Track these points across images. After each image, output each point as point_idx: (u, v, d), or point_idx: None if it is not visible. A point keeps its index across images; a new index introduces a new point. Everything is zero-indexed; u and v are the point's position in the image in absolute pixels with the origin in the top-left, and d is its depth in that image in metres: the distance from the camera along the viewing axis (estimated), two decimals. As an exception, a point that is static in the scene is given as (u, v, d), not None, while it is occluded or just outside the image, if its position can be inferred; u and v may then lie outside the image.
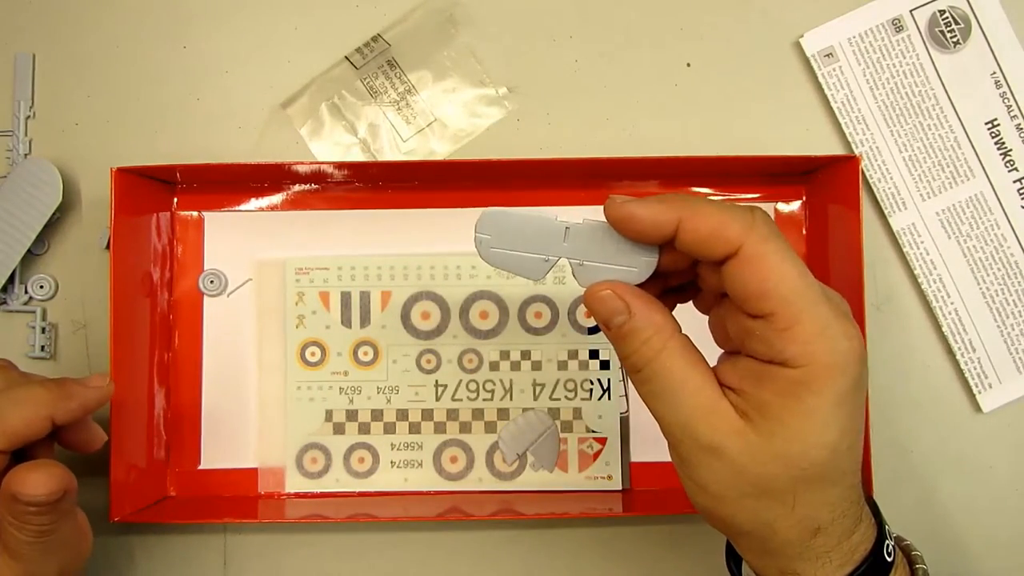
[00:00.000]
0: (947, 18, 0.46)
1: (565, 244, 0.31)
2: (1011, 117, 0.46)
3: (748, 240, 0.28)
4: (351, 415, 0.45)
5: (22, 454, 0.36)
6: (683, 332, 0.30)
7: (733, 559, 0.35)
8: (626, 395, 0.46)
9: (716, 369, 0.30)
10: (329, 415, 0.45)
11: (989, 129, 0.46)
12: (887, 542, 0.31)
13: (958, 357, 0.46)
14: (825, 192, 0.45)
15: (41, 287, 0.46)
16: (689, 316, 0.32)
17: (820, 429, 0.28)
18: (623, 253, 0.30)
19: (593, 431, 0.45)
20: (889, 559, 0.30)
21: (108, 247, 0.42)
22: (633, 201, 0.29)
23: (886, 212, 0.46)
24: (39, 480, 0.33)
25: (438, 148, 0.47)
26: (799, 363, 0.27)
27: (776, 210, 0.46)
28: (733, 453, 0.28)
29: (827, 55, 0.46)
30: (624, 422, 0.46)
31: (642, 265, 0.30)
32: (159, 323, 0.45)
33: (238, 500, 0.45)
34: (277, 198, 0.46)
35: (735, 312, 0.29)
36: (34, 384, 0.36)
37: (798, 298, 0.27)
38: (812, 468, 0.28)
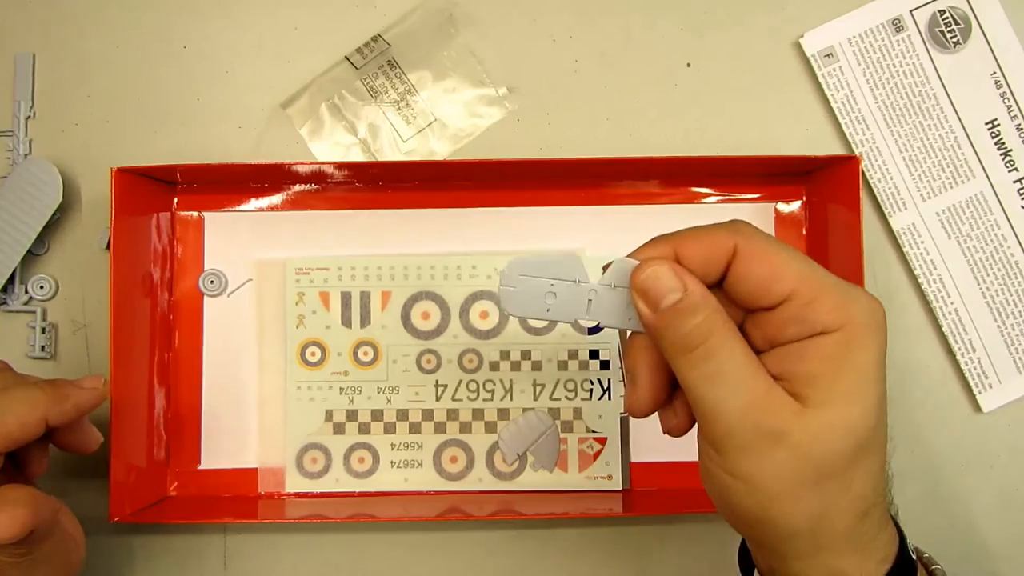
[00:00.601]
0: (947, 18, 0.46)
1: (588, 315, 0.30)
2: (1011, 117, 0.46)
3: (740, 240, 0.28)
4: (351, 415, 0.45)
5: (14, 456, 0.36)
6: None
7: (745, 567, 0.33)
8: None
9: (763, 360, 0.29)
10: (329, 415, 0.45)
11: (989, 129, 0.46)
12: (908, 542, 0.30)
13: (958, 357, 0.46)
14: (825, 192, 0.45)
15: (41, 287, 0.46)
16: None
17: (872, 387, 0.28)
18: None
19: (593, 431, 0.45)
20: (913, 557, 0.30)
21: (108, 247, 0.42)
22: (633, 252, 0.30)
23: (886, 212, 0.46)
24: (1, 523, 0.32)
25: (438, 148, 0.47)
26: (838, 325, 0.27)
27: (776, 210, 0.46)
28: (796, 435, 0.27)
29: (827, 55, 0.46)
30: (624, 422, 0.46)
31: None
32: (159, 323, 0.45)
33: (238, 500, 0.45)
34: (277, 198, 0.46)
35: (756, 320, 0.29)
36: (28, 385, 0.36)
37: (810, 274, 0.28)
38: (868, 432, 0.27)
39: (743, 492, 0.28)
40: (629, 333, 0.31)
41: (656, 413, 0.31)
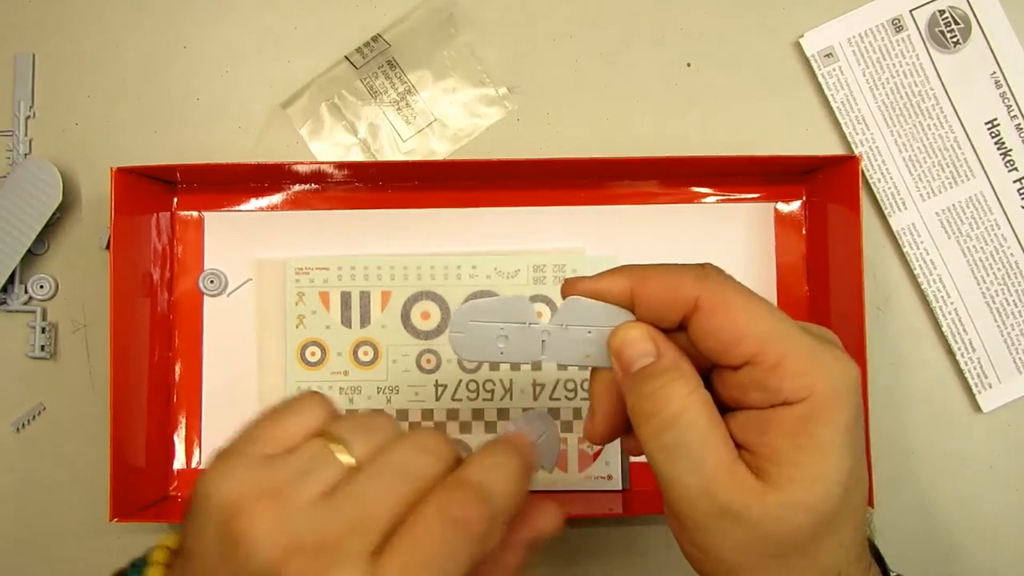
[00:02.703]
0: (947, 18, 0.46)
1: (544, 355, 0.30)
2: (1011, 117, 0.46)
3: (704, 291, 0.27)
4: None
5: None
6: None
7: None
8: (626, 395, 0.46)
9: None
10: (329, 415, 0.45)
11: (989, 129, 0.46)
12: None
13: (958, 357, 0.46)
14: (825, 192, 0.45)
15: (41, 287, 0.46)
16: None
17: (836, 462, 0.26)
18: (597, 342, 0.30)
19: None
20: None
21: (108, 247, 0.42)
22: (586, 277, 0.29)
23: (886, 212, 0.46)
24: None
25: (438, 148, 0.47)
26: (800, 396, 0.26)
27: (776, 210, 0.46)
28: (755, 515, 0.26)
29: (827, 55, 0.46)
30: (624, 422, 0.46)
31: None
32: (159, 323, 0.45)
33: (238, 500, 0.45)
34: (277, 198, 0.46)
35: (722, 376, 0.28)
36: (503, 450, 0.29)
37: (776, 333, 0.26)
38: (831, 510, 0.26)
39: (704, 561, 0.28)
40: (590, 368, 0.30)
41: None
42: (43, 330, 0.45)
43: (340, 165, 0.43)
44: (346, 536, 0.24)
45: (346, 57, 0.46)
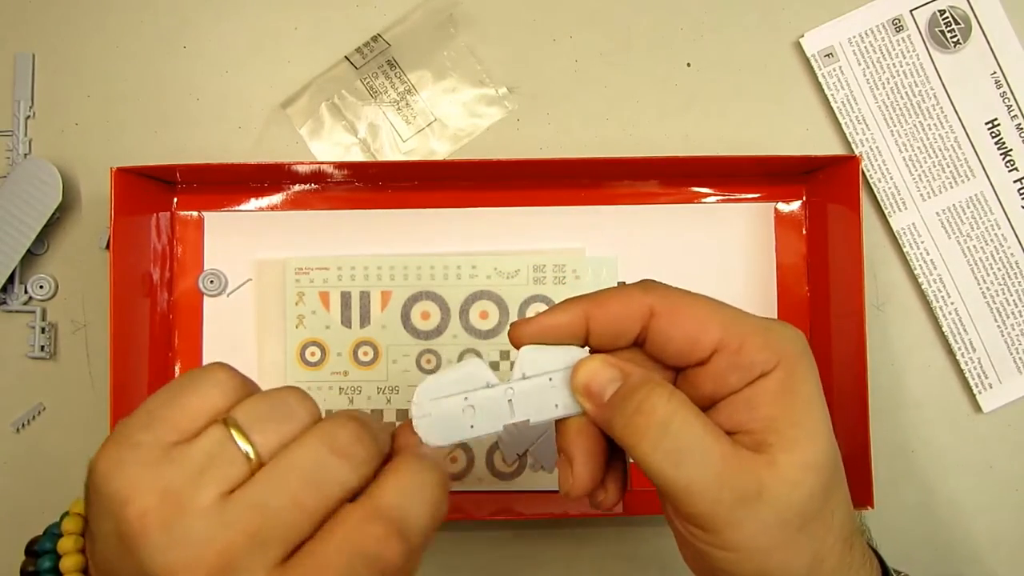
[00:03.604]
0: (947, 18, 0.46)
1: (515, 416, 0.29)
2: (1011, 117, 0.46)
3: (655, 299, 0.28)
4: (351, 415, 0.45)
5: None
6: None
7: None
8: (626, 395, 0.46)
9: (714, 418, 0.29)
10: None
11: (989, 129, 0.46)
12: (890, 568, 0.30)
13: (958, 357, 0.46)
14: (825, 192, 0.45)
15: (41, 287, 0.46)
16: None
17: (822, 413, 0.28)
18: (560, 387, 0.29)
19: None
20: None
21: (108, 247, 0.42)
22: (535, 316, 0.29)
23: (886, 212, 0.46)
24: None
25: (438, 148, 0.47)
26: (773, 363, 0.28)
27: (776, 210, 0.46)
28: (774, 488, 0.26)
29: (827, 55, 0.46)
30: (624, 422, 0.45)
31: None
32: (159, 323, 0.45)
33: (238, 500, 0.45)
34: (277, 198, 0.46)
35: (689, 377, 0.29)
36: (420, 468, 0.28)
37: (730, 319, 0.28)
38: (833, 463, 0.28)
39: (737, 561, 0.27)
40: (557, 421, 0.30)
41: None
42: (43, 330, 0.45)
43: (340, 165, 0.43)
44: (246, 549, 0.23)
45: (346, 57, 0.46)
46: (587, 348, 0.29)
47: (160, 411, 0.25)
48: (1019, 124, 0.46)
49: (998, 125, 0.46)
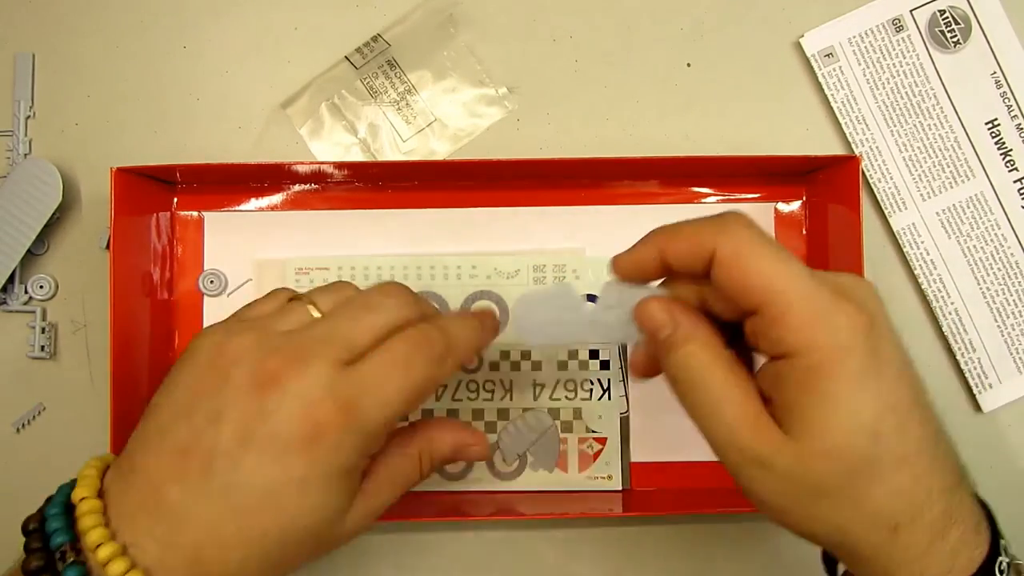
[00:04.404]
0: (947, 18, 0.46)
1: (593, 336, 0.34)
2: (1011, 117, 0.46)
3: (720, 242, 0.28)
4: (351, 415, 0.45)
5: None
6: (728, 348, 0.30)
7: (828, 559, 0.33)
8: (626, 395, 0.46)
9: (757, 379, 0.30)
10: (329, 415, 0.45)
11: (989, 129, 0.46)
12: (1001, 559, 0.28)
13: (958, 357, 0.46)
14: (825, 192, 0.45)
15: (41, 287, 0.46)
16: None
17: (848, 416, 0.26)
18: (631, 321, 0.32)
19: (593, 431, 0.45)
20: (999, 571, 0.28)
21: (108, 247, 0.42)
22: (625, 251, 0.32)
23: (886, 212, 0.46)
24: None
25: (438, 148, 0.47)
26: (801, 351, 0.27)
27: (776, 210, 0.46)
28: (780, 463, 0.27)
29: (827, 55, 0.46)
30: (624, 422, 0.46)
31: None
32: (159, 323, 0.45)
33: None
34: (277, 198, 0.46)
35: (752, 322, 0.29)
36: (466, 315, 0.38)
37: (784, 285, 0.27)
38: (860, 459, 0.27)
39: (759, 506, 0.29)
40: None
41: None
42: (43, 330, 0.45)
43: (340, 165, 0.43)
44: (315, 346, 0.30)
45: (346, 57, 0.46)
46: (662, 289, 0.32)
47: (244, 309, 0.35)
48: (1019, 124, 0.46)
49: (998, 125, 0.46)
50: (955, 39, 0.46)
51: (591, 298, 0.33)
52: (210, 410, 0.29)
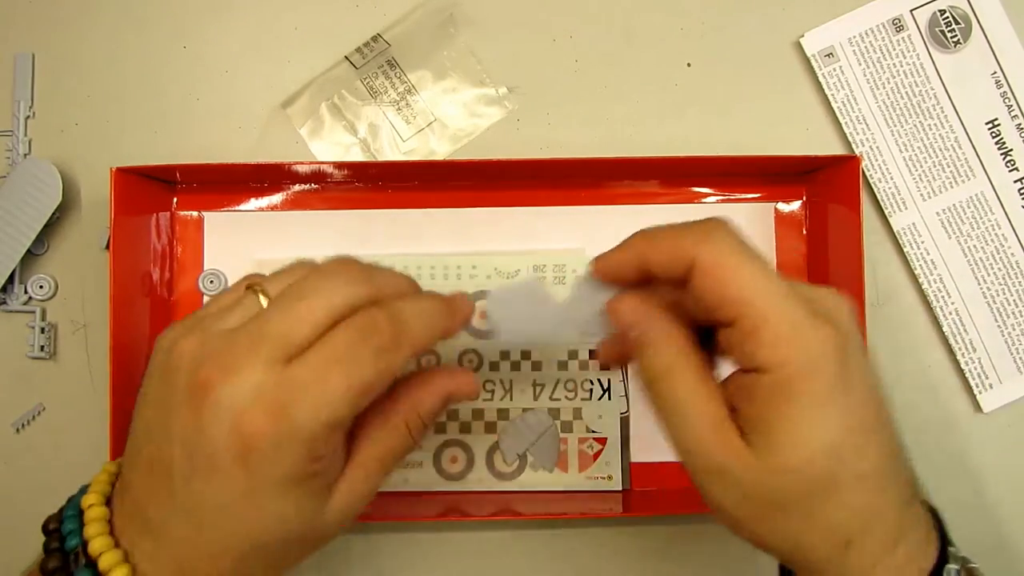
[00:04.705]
0: (947, 18, 0.46)
1: (568, 328, 0.34)
2: (1011, 117, 0.46)
3: (701, 251, 0.28)
4: (351, 415, 0.45)
5: None
6: (699, 352, 0.30)
7: (784, 571, 0.34)
8: (626, 395, 0.46)
9: (724, 388, 0.29)
10: (329, 415, 0.45)
11: (989, 129, 0.46)
12: (949, 567, 0.29)
13: (958, 357, 0.46)
14: (825, 192, 0.45)
15: (41, 287, 0.46)
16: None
17: (811, 434, 0.27)
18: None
19: (593, 431, 0.45)
20: None
21: (108, 247, 0.42)
22: (604, 253, 0.32)
23: (886, 212, 0.46)
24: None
25: (438, 148, 0.47)
26: (772, 367, 0.27)
27: (776, 210, 0.46)
28: (737, 474, 0.27)
29: (827, 55, 0.46)
30: (624, 422, 0.46)
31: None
32: (159, 323, 0.45)
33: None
34: (277, 198, 0.46)
35: (724, 331, 0.29)
36: (430, 295, 0.34)
37: (761, 299, 0.27)
38: (819, 476, 0.27)
39: (716, 514, 0.29)
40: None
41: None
42: (43, 330, 0.45)
43: (340, 165, 0.43)
44: (246, 347, 0.28)
45: (346, 57, 0.46)
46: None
47: (206, 305, 0.33)
48: (1019, 124, 0.46)
49: (998, 125, 0.46)
50: (955, 39, 0.46)
51: None
52: (164, 425, 0.29)
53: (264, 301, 0.30)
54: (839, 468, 0.27)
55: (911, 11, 0.46)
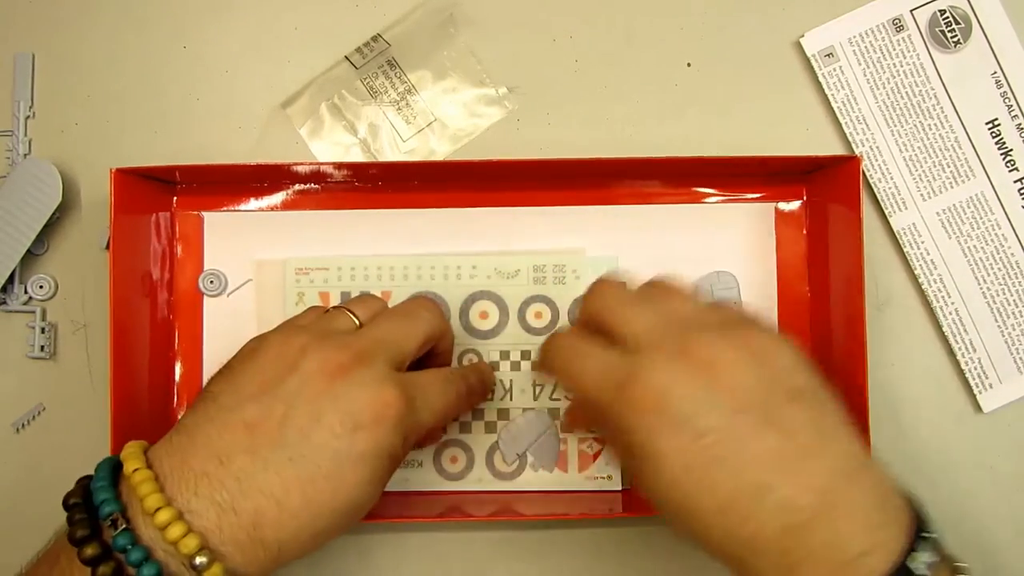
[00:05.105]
0: (947, 18, 0.46)
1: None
2: (1011, 117, 0.46)
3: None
4: (351, 415, 0.45)
5: None
6: None
7: None
8: (626, 395, 0.46)
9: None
10: (329, 415, 0.45)
11: (989, 129, 0.46)
12: (915, 553, 0.28)
13: (958, 357, 0.46)
14: (825, 192, 0.45)
15: (41, 287, 0.46)
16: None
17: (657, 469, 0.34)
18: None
19: (593, 431, 0.45)
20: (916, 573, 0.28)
21: (108, 247, 0.42)
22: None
23: (886, 212, 0.46)
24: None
25: (438, 148, 0.47)
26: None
27: (777, 210, 0.46)
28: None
29: (827, 55, 0.46)
30: (624, 422, 0.46)
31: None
32: (159, 323, 0.45)
33: (238, 500, 0.45)
34: (277, 198, 0.46)
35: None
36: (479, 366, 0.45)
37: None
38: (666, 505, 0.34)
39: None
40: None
41: None
42: (43, 330, 0.45)
43: (340, 165, 0.43)
44: (374, 346, 0.35)
45: (346, 57, 0.46)
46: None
47: (290, 320, 0.40)
48: (1019, 124, 0.46)
49: (998, 125, 0.46)
50: (955, 39, 0.46)
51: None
52: (280, 392, 0.33)
53: (355, 319, 0.38)
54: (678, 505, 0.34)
55: (911, 11, 0.46)
